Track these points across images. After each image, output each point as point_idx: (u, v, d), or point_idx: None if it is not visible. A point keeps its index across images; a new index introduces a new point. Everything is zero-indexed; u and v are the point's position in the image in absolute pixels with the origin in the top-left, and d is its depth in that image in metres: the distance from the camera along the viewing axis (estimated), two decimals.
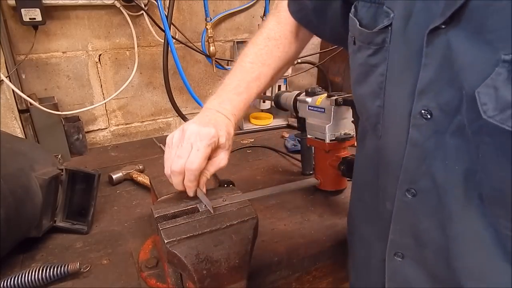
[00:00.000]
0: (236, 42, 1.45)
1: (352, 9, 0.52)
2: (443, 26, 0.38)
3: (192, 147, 0.54)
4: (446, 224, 0.45)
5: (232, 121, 0.62)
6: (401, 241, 0.52)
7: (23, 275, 0.66)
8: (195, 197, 0.61)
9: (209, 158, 0.57)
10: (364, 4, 0.50)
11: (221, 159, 0.59)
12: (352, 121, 0.90)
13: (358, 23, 0.51)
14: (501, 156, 0.37)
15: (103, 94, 1.31)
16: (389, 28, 0.46)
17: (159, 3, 1.16)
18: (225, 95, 0.65)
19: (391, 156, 0.51)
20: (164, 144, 0.60)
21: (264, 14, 1.38)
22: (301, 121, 1.03)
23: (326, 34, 0.66)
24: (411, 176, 0.47)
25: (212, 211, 0.57)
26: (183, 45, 1.32)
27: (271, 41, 0.68)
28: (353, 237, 0.70)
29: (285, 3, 0.69)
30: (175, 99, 1.29)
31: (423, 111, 0.43)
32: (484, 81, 0.35)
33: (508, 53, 0.33)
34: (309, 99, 0.98)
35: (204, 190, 0.59)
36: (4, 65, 1.06)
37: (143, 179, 1.04)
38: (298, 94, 1.04)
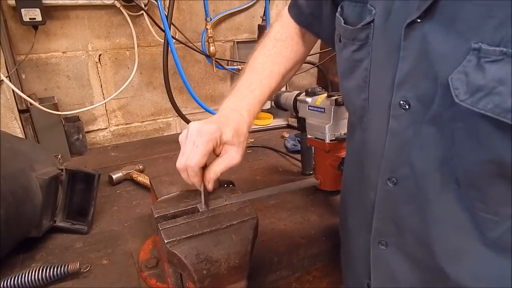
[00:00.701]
0: (236, 42, 1.45)
1: (339, 9, 0.55)
2: (418, 20, 0.40)
3: (193, 144, 0.55)
4: (425, 209, 0.47)
5: (246, 117, 0.61)
6: (384, 229, 0.54)
7: (23, 275, 0.66)
8: (195, 197, 0.61)
9: (219, 155, 0.58)
10: (350, 4, 0.53)
11: (231, 156, 0.58)
12: None
13: (343, 21, 0.53)
14: (473, 139, 0.39)
15: (103, 94, 1.31)
16: (372, 24, 0.48)
17: (159, 3, 1.16)
18: (238, 93, 0.65)
19: (374, 147, 0.53)
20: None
21: (264, 14, 1.38)
22: (301, 121, 1.03)
23: (326, 37, 0.67)
24: (392, 165, 0.49)
25: (206, 208, 0.58)
26: (183, 45, 1.32)
27: (279, 42, 0.69)
28: (343, 230, 0.71)
29: (287, 9, 0.72)
30: (175, 99, 1.29)
31: (401, 102, 0.45)
32: (456, 69, 0.38)
33: (477, 42, 0.35)
34: (309, 99, 0.98)
35: (210, 186, 0.58)
36: (4, 65, 1.06)
37: (143, 179, 1.04)
38: (298, 94, 1.04)
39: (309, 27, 0.68)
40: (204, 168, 0.56)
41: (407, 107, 0.44)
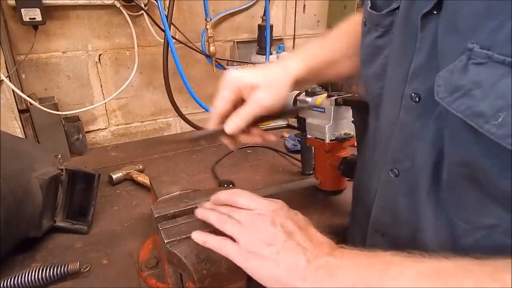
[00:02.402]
0: (236, 42, 1.45)
1: None
2: (435, 12, 0.40)
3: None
4: (417, 205, 0.47)
5: (284, 68, 0.60)
6: (381, 219, 0.54)
7: (23, 275, 0.66)
8: (195, 197, 0.61)
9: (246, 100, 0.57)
10: None
11: (258, 97, 0.56)
12: (352, 121, 0.90)
13: (369, 4, 0.52)
14: (453, 139, 0.39)
15: (103, 94, 1.31)
16: (397, 11, 0.47)
17: (159, 3, 1.16)
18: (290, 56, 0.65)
19: (383, 136, 0.52)
20: None
21: (264, 14, 1.38)
22: (301, 121, 1.03)
23: None
24: (396, 156, 0.49)
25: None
26: (183, 45, 1.32)
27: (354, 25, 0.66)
28: (350, 217, 0.72)
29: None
30: (175, 99, 1.29)
31: (413, 94, 0.44)
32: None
33: (473, 42, 0.34)
34: (309, 99, 0.98)
35: (229, 129, 0.56)
36: (4, 65, 1.05)
37: (143, 179, 1.04)
38: (298, 94, 1.04)
39: None
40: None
41: (417, 100, 0.44)
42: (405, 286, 0.36)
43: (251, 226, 0.47)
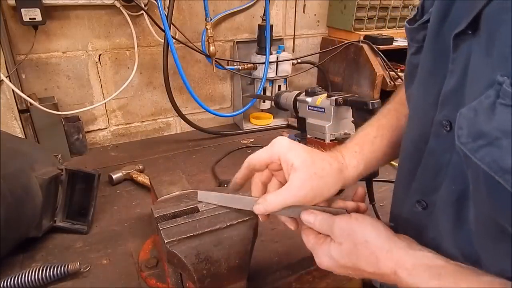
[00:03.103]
0: (236, 42, 1.45)
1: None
2: (469, 32, 0.35)
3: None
4: (442, 239, 0.44)
5: (341, 158, 0.52)
6: None
7: (23, 275, 0.66)
8: (195, 197, 0.61)
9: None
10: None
11: (289, 186, 0.47)
12: (352, 121, 0.90)
13: (410, 16, 0.48)
14: (476, 184, 0.33)
15: (103, 94, 1.31)
16: (427, 24, 0.43)
17: (159, 3, 1.16)
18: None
19: (407, 161, 0.48)
20: None
21: (264, 14, 1.38)
22: (301, 121, 1.03)
23: None
24: (424, 188, 0.45)
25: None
26: (183, 45, 1.32)
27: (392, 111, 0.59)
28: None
29: None
30: (175, 99, 1.29)
31: (444, 122, 0.40)
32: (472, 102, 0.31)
33: (504, 75, 0.28)
34: (309, 99, 0.98)
35: (257, 209, 0.50)
36: (4, 65, 1.05)
37: (143, 179, 1.04)
38: (298, 94, 1.04)
39: None
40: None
41: (448, 128, 0.39)
42: None
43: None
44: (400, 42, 1.45)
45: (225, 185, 0.67)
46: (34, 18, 1.05)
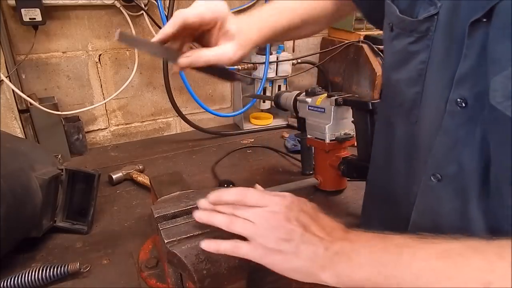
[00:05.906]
0: None
1: None
2: (484, 20, 0.40)
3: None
4: (466, 208, 0.47)
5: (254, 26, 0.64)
6: (421, 223, 0.54)
7: (23, 275, 0.66)
8: (195, 197, 0.61)
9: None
10: None
11: (224, 49, 0.59)
12: (352, 121, 0.90)
13: (397, 10, 0.52)
14: (504, 145, 0.39)
15: (103, 94, 1.31)
16: (435, 17, 0.47)
17: (159, 3, 1.16)
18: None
19: (423, 141, 0.52)
20: None
21: None
22: (301, 121, 1.03)
23: (365, 9, 0.67)
24: (439, 161, 0.49)
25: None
26: None
27: None
28: (366, 219, 0.71)
29: None
30: (175, 99, 1.29)
31: (459, 100, 0.44)
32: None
33: None
34: (309, 99, 0.98)
35: (182, 62, 0.58)
36: (4, 65, 1.05)
37: (143, 179, 1.04)
38: (298, 94, 1.04)
39: None
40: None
41: (463, 105, 0.44)
42: (417, 267, 0.38)
43: (266, 224, 0.47)
44: None
45: (225, 185, 0.67)
46: (34, 18, 1.05)
